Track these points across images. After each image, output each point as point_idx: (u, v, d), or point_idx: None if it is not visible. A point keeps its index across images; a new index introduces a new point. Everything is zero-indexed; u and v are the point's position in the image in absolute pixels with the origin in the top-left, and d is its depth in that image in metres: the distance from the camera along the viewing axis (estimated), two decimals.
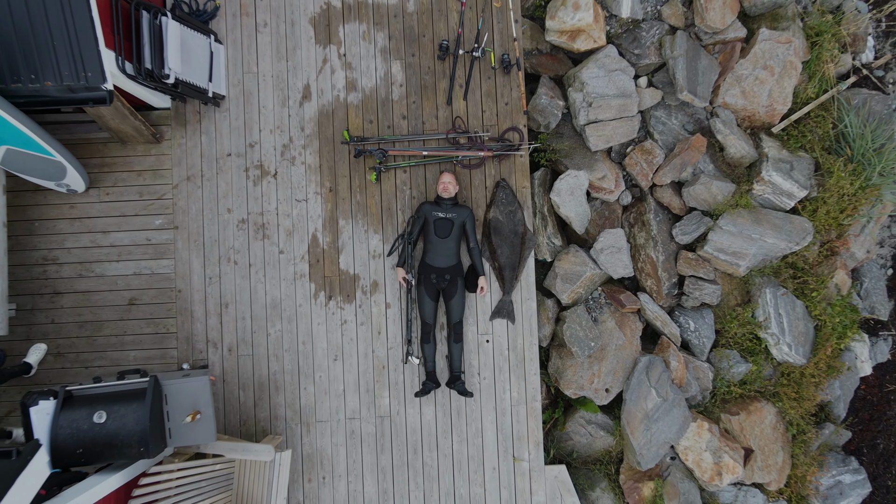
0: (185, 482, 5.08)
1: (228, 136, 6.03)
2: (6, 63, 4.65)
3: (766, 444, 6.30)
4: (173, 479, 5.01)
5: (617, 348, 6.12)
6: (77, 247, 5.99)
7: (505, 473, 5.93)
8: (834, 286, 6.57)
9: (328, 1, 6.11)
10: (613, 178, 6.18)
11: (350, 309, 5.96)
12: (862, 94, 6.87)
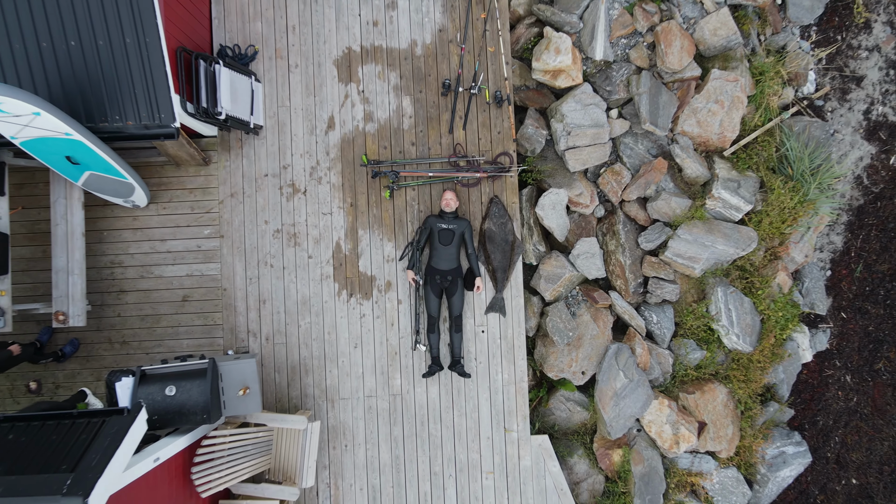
0: (236, 446, 6.20)
1: (265, 159, 7.16)
2: (96, 107, 5.77)
3: (717, 419, 7.44)
4: (226, 443, 6.13)
5: (591, 338, 7.25)
6: (139, 252, 7.12)
7: (497, 442, 7.06)
8: (777, 285, 7.71)
9: (349, 45, 7.24)
10: (589, 195, 7.31)
11: (368, 305, 7.09)
12: (804, 121, 8.00)
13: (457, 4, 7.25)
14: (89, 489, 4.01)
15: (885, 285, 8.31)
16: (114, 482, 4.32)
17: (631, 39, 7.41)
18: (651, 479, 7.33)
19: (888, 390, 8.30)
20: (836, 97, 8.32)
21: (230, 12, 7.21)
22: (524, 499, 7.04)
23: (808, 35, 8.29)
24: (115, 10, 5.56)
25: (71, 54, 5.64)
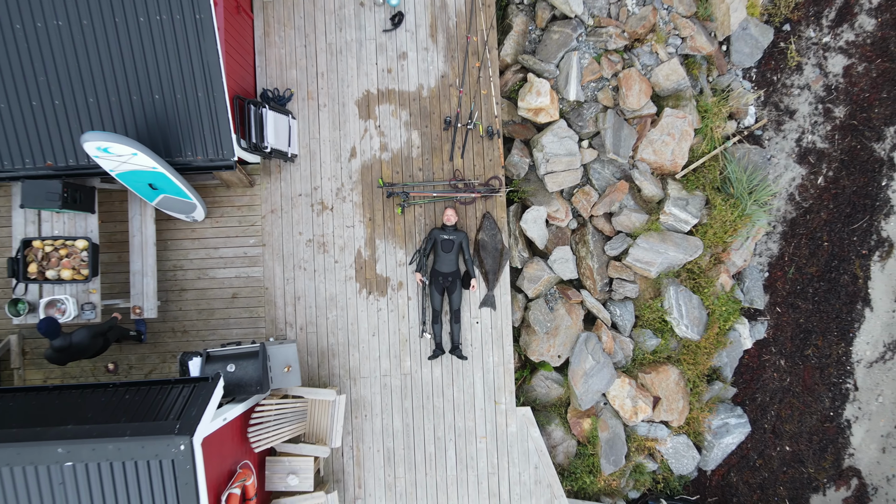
0: (280, 413, 7.75)
1: (299, 182, 8.71)
2: (173, 145, 7.32)
3: (670, 395, 9.00)
4: (273, 410, 7.69)
5: (566, 328, 8.81)
6: (196, 258, 8.67)
7: (489, 412, 8.61)
8: (720, 285, 9.28)
9: (367, 89, 8.79)
10: (564, 211, 8.87)
11: (383, 300, 8.64)
12: (744, 148, 9.56)
13: (456, 55, 8.80)
14: (193, 430, 5.56)
15: (814, 285, 9.88)
16: (205, 429, 5.88)
17: (598, 83, 8.97)
18: (615, 443, 8.89)
19: (816, 372, 9.87)
20: (772, 128, 9.89)
21: (270, 62, 8.76)
22: (510, 459, 8.61)
23: (749, 76, 9.85)
24: (190, 71, 7.10)
25: (155, 105, 7.19)
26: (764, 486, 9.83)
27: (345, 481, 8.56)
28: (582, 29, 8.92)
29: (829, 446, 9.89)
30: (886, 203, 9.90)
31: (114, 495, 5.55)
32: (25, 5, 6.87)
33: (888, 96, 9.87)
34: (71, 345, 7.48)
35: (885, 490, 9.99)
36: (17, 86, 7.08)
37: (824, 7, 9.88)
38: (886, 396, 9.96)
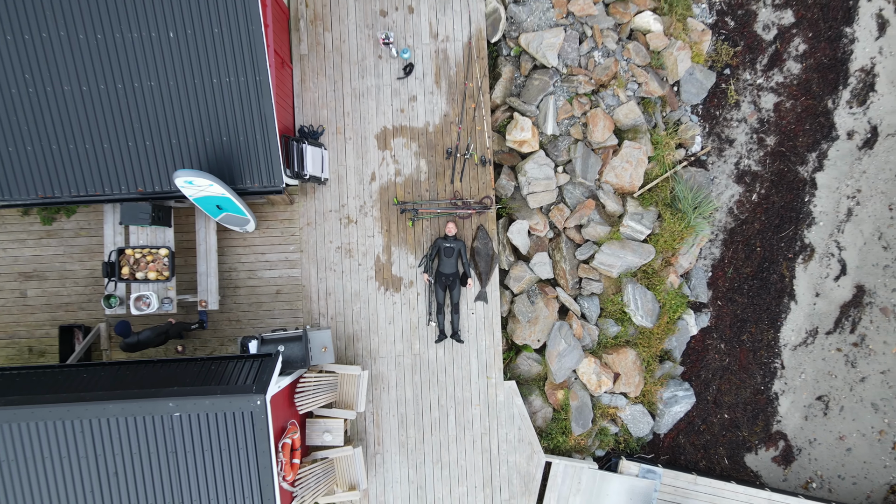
0: (317, 384, 9.80)
1: (330, 200, 10.73)
2: (236, 175, 9.31)
3: (628, 371, 11.06)
4: (311, 381, 9.74)
5: (544, 318, 10.86)
6: (247, 262, 10.70)
7: (482, 385, 10.66)
8: (669, 283, 11.32)
9: (384, 125, 10.80)
10: (543, 224, 10.90)
11: (398, 296, 10.68)
12: (691, 171, 11.58)
13: (456, 98, 10.80)
14: (265, 390, 7.61)
15: (748, 282, 11.92)
16: (272, 390, 7.93)
17: (571, 121, 10.98)
18: (583, 410, 10.97)
19: (750, 354, 11.93)
20: (715, 154, 11.91)
21: (306, 104, 10.77)
22: (499, 423, 10.66)
23: (696, 111, 11.86)
24: (251, 119, 9.09)
25: (223, 145, 9.19)
26: (707, 447, 11.91)
27: (367, 439, 10.63)
28: (557, 77, 10.93)
29: (760, 414, 11.97)
30: (808, 216, 11.94)
31: (209, 437, 7.61)
32: (126, 68, 8.85)
33: (810, 127, 11.90)
34: (138, 342, 9.56)
35: (807, 451, 12.08)
36: (117, 130, 9.08)
37: (758, 54, 11.88)
38: (808, 374, 12.03)
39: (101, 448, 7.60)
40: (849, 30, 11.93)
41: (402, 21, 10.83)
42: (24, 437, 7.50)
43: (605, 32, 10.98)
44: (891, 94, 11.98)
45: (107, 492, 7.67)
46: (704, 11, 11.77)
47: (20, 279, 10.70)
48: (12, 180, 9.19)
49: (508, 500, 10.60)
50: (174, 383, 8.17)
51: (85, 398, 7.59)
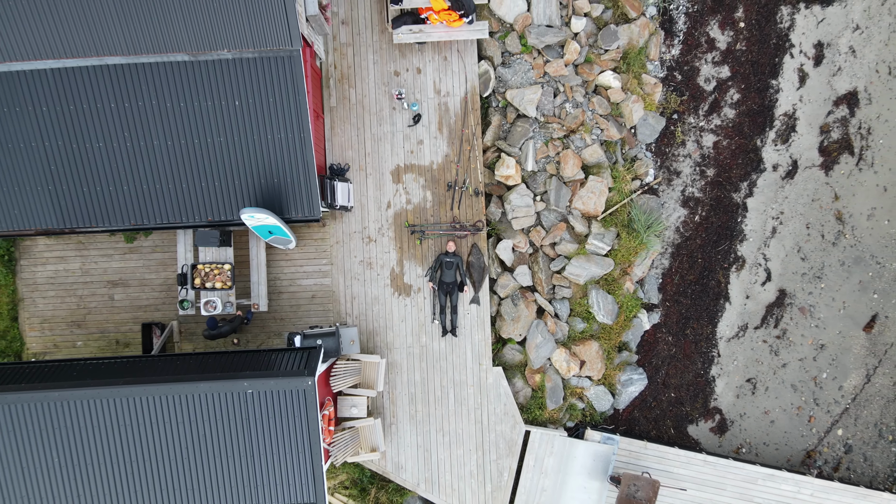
0: (345, 369, 12.36)
1: (354, 223, 13.23)
2: (283, 208, 11.79)
3: (592, 359, 13.62)
4: (342, 367, 12.30)
5: (525, 317, 13.39)
6: (288, 272, 13.22)
7: (475, 370, 13.21)
8: (626, 288, 13.84)
9: (398, 163, 13.28)
10: (524, 242, 13.42)
11: (408, 299, 13.21)
12: (645, 198, 14.08)
13: (454, 141, 13.28)
14: (314, 373, 10.16)
15: (691, 287, 14.46)
16: (317, 373, 10.47)
17: (547, 159, 13.47)
18: (555, 390, 13.54)
19: (692, 345, 14.49)
20: (665, 183, 14.40)
21: (335, 146, 13.25)
22: (489, 400, 13.23)
23: (650, 149, 14.34)
24: (296, 165, 11.54)
25: (274, 185, 11.65)
26: (657, 420, 14.50)
27: (384, 413, 13.21)
28: (536, 124, 13.42)
29: (700, 394, 14.56)
30: (741, 233, 14.46)
31: (272, 409, 10.16)
32: (201, 127, 11.29)
33: (742, 162, 14.39)
34: (220, 332, 12.11)
35: (738, 423, 14.67)
36: (193, 174, 11.53)
37: (700, 102, 14.34)
38: (739, 361, 14.60)
39: (194, 416, 10.16)
40: (774, 82, 14.38)
41: (412, 80, 13.29)
42: (140, 408, 10.07)
43: (574, 88, 13.44)
44: (809, 134, 14.46)
45: (200, 448, 10.25)
46: (657, 67, 14.21)
47: (109, 286, 13.23)
48: (113, 213, 11.68)
49: (496, 461, 13.22)
50: (241, 368, 10.75)
51: (182, 379, 10.17)
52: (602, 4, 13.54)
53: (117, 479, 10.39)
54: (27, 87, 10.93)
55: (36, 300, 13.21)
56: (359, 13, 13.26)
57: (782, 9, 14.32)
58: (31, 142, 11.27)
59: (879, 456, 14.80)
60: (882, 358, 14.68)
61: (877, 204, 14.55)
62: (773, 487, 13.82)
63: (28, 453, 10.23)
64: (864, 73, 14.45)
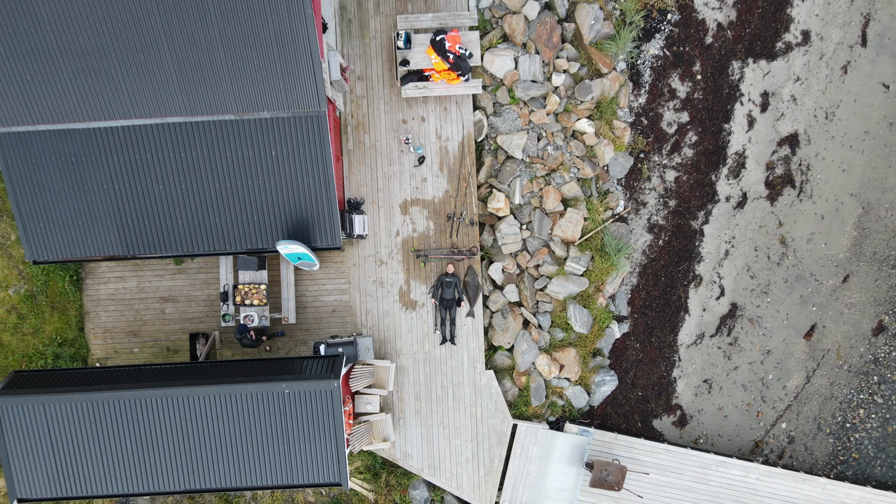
0: (362, 372, 14.53)
1: (368, 248, 15.39)
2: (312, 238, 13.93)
3: (570, 363, 15.79)
4: (359, 371, 14.47)
5: (513, 328, 15.56)
6: (313, 290, 15.38)
7: (470, 373, 15.37)
8: (600, 303, 16.02)
9: (405, 198, 15.45)
10: (512, 264, 15.59)
11: (414, 313, 15.39)
12: (616, 225, 16.24)
13: (453, 179, 15.44)
14: (338, 376, 12.33)
15: (656, 301, 16.62)
16: (341, 375, 12.63)
17: (531, 194, 15.64)
18: (539, 390, 15.72)
19: (657, 351, 16.67)
20: (633, 213, 16.57)
21: (352, 183, 15.42)
22: (482, 398, 15.39)
23: (620, 183, 16.51)
24: (321, 203, 13.68)
25: (304, 219, 13.78)
26: (626, 415, 16.69)
27: (394, 409, 15.39)
28: (522, 164, 15.60)
29: (663, 392, 16.74)
30: (698, 255, 16.64)
31: (305, 406, 12.33)
32: (242, 172, 13.43)
33: (699, 194, 16.57)
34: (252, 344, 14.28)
35: (696, 418, 16.85)
36: (235, 210, 13.65)
37: (663, 143, 16.52)
38: (697, 364, 16.79)
39: (243, 411, 12.33)
40: (727, 126, 16.56)
41: (417, 127, 15.46)
42: (199, 404, 12.25)
43: (555, 134, 15.62)
44: (756, 170, 16.64)
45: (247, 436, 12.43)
46: (626, 113, 16.37)
47: (160, 301, 15.40)
48: (168, 242, 13.81)
49: (488, 449, 15.41)
50: (276, 372, 12.92)
51: (233, 381, 12.34)
52: (578, 62, 15.72)
53: (180, 462, 12.58)
54: (102, 141, 13.07)
55: (99, 313, 15.37)
56: (372, 71, 15.43)
57: (733, 63, 16.50)
58: (103, 185, 13.43)
59: (818, 446, 17.00)
60: (820, 362, 16.88)
61: (815, 230, 16.75)
62: (725, 472, 16.00)
63: (109, 441, 12.42)
64: (803, 117, 16.64)
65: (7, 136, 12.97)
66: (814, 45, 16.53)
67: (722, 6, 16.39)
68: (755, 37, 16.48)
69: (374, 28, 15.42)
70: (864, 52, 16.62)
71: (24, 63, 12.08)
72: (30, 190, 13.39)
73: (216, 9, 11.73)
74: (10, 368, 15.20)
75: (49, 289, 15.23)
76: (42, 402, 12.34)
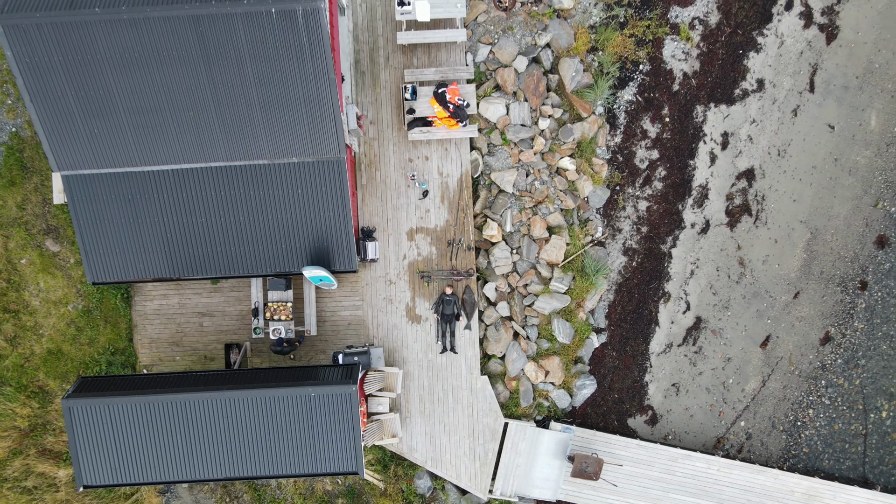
0: (373, 377, 16.59)
1: (379, 270, 17.46)
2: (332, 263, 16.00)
3: (555, 370, 17.85)
4: (371, 376, 16.53)
5: (505, 339, 17.62)
6: (331, 306, 17.44)
7: (468, 378, 17.43)
8: (580, 317, 18.08)
9: (411, 226, 17.52)
10: (504, 284, 17.66)
11: (419, 326, 17.45)
12: (595, 249, 18.32)
13: (453, 210, 17.51)
14: (355, 381, 14.39)
15: (630, 315, 18.69)
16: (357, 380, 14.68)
17: (521, 223, 17.72)
18: (527, 392, 17.78)
19: (631, 358, 18.73)
20: (610, 238, 18.65)
21: (365, 214, 17.49)
22: (478, 400, 17.44)
23: (599, 212, 18.58)
24: (340, 232, 15.75)
25: (325, 247, 15.85)
26: (604, 414, 18.74)
27: (401, 409, 17.46)
28: (513, 197, 17.68)
29: (637, 395, 18.79)
30: (667, 275, 18.71)
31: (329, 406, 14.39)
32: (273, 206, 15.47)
33: (668, 221, 18.64)
34: (283, 350, 16.36)
35: (666, 417, 18.91)
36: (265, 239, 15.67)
37: (636, 177, 18.60)
38: (666, 370, 18.85)
39: (276, 410, 14.40)
40: (692, 162, 18.64)
41: (422, 165, 17.55)
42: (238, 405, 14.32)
43: (541, 171, 17.71)
44: (717, 201, 18.72)
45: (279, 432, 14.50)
46: (603, 151, 18.45)
47: (199, 316, 17.47)
48: (208, 266, 15.86)
49: (483, 444, 17.47)
50: (301, 379, 14.98)
51: (266, 386, 14.41)
52: (561, 108, 17.81)
53: (219, 454, 14.65)
54: (155, 182, 15.12)
55: (146, 326, 17.45)
56: (383, 116, 17.53)
57: (697, 107, 18.59)
58: (154, 218, 15.48)
59: (773, 442, 19.06)
60: (774, 368, 18.95)
61: (769, 252, 18.82)
62: (690, 465, 18.06)
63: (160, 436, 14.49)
64: (759, 154, 18.73)
65: (75, 178, 15.04)
66: (767, 92, 18.62)
67: (687, 58, 18.48)
68: (716, 84, 18.57)
69: (384, 79, 17.51)
70: (811, 98, 18.71)
71: (93, 120, 14.16)
72: (92, 222, 15.45)
73: (254, 76, 13.80)
74: (69, 374, 17.27)
75: (103, 305, 17.30)
76: (106, 403, 14.41)
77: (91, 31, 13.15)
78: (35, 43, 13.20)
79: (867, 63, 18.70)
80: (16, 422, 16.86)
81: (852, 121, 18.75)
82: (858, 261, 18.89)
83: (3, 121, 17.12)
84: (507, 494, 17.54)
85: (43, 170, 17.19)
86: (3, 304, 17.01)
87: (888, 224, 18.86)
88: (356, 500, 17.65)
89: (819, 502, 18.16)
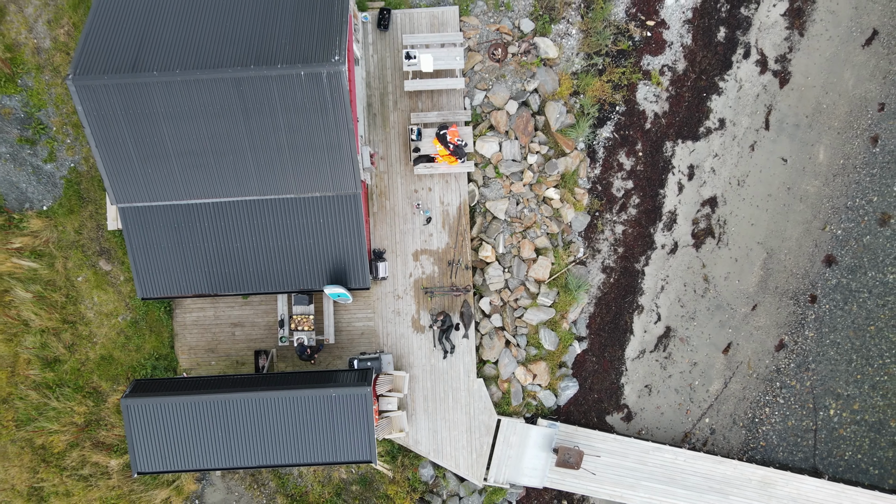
0: (383, 380, 18.75)
1: (388, 287, 19.63)
2: (348, 281, 18.20)
3: (541, 373, 20.02)
4: (382, 379, 18.71)
5: (498, 346, 19.79)
6: (346, 317, 19.63)
7: (466, 381, 19.60)
8: (564, 327, 20.25)
9: (416, 248, 19.71)
10: (497, 299, 19.84)
11: (424, 335, 19.62)
12: (577, 268, 20.49)
13: (452, 234, 19.69)
14: (369, 382, 16.57)
15: (608, 325, 20.87)
16: (370, 381, 16.84)
17: (512, 245, 19.90)
18: (517, 393, 19.96)
19: (609, 363, 20.89)
20: (591, 257, 20.83)
21: (376, 238, 19.68)
22: (474, 399, 19.60)
23: (580, 235, 20.76)
24: (355, 255, 17.92)
25: (342, 269, 18.04)
26: (585, 412, 20.90)
27: (407, 407, 19.63)
28: (504, 223, 19.88)
29: (614, 395, 20.97)
30: (640, 289, 20.89)
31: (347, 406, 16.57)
32: (299, 234, 17.67)
33: (641, 243, 20.83)
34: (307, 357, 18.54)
35: (639, 415, 21.09)
36: (291, 261, 17.86)
37: (613, 205, 20.78)
38: (639, 374, 21.02)
39: (301, 408, 16.57)
40: (662, 191, 20.83)
41: (426, 195, 19.74)
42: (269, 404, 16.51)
43: (529, 200, 19.91)
44: (685, 225, 20.91)
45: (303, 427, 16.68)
46: (585, 182, 20.64)
47: (231, 326, 19.66)
48: (241, 284, 18.05)
49: (479, 438, 19.66)
50: (322, 381, 17.16)
51: (291, 387, 16.59)
52: (547, 145, 20.02)
53: (252, 445, 16.83)
54: (198, 213, 17.30)
55: (185, 335, 19.64)
56: (391, 153, 19.74)
57: (667, 143, 20.79)
58: (196, 243, 17.67)
59: (734, 436, 21.23)
60: (735, 371, 21.13)
61: (730, 270, 21.01)
62: (659, 456, 20.23)
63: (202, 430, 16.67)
64: (721, 184, 20.93)
65: (130, 209, 17.23)
66: (728, 130, 20.83)
67: (658, 100, 20.68)
68: (683, 123, 20.77)
69: (392, 120, 19.72)
70: (767, 134, 20.92)
71: (147, 162, 16.36)
72: (143, 247, 17.64)
73: (285, 126, 15.98)
74: (119, 377, 19.45)
75: (148, 316, 19.48)
76: (157, 402, 16.60)
77: (149, 91, 15.36)
78: (102, 100, 15.41)
79: (816, 104, 20.90)
80: (73, 418, 19.03)
81: (803, 154, 20.95)
82: (809, 277, 21.08)
83: (64, 157, 19.33)
84: (500, 482, 19.73)
85: (97, 199, 19.39)
86: (62, 316, 19.20)
87: (835, 245, 21.06)
88: (368, 487, 19.83)
89: (773, 489, 20.33)
